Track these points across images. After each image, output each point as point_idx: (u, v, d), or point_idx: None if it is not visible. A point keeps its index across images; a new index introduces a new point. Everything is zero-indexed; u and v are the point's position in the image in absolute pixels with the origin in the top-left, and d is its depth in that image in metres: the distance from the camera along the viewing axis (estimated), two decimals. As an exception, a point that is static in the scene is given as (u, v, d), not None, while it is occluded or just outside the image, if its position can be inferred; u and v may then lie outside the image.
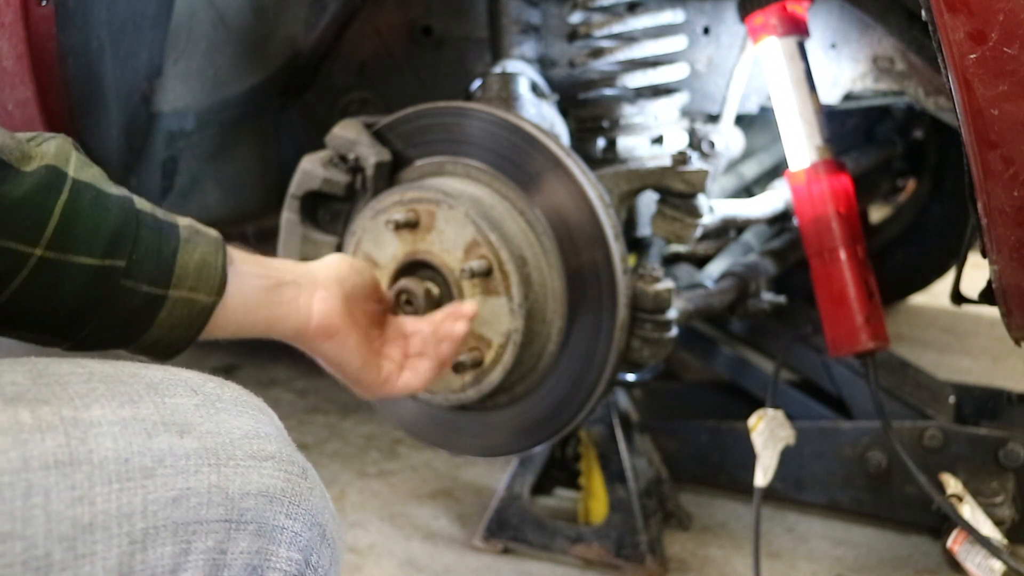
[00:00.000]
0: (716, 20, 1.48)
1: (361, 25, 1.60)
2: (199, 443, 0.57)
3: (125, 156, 1.34)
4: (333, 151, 1.25)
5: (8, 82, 1.14)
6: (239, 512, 0.57)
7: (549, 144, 1.16)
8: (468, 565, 1.54)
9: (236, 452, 0.58)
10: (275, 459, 0.61)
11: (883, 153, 2.11)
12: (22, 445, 0.49)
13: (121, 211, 0.71)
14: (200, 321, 0.78)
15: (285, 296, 0.86)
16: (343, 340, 0.91)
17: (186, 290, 0.76)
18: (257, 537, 0.58)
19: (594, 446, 1.56)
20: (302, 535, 0.62)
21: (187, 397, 0.59)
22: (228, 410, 0.61)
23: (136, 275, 0.72)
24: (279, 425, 0.65)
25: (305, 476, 0.63)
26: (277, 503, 0.60)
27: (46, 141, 0.69)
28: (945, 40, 0.75)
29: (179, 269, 0.75)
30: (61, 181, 0.67)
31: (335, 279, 0.91)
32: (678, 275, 1.55)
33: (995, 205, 0.81)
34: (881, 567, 1.51)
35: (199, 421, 0.58)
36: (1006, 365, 2.41)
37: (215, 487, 0.56)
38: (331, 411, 2.18)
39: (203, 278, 0.77)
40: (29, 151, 0.66)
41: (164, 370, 0.62)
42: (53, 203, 0.66)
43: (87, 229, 0.68)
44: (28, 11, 1.09)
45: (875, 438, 1.50)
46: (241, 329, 0.83)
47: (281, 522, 0.60)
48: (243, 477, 0.58)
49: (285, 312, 0.86)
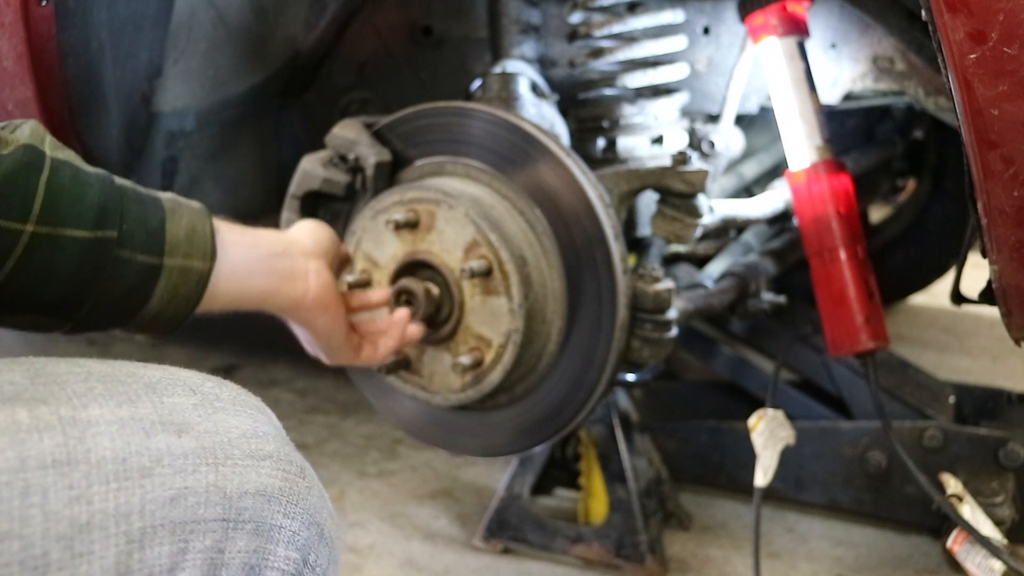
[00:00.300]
0: (716, 20, 1.48)
1: (361, 25, 1.60)
2: (197, 442, 0.57)
3: (125, 156, 1.34)
4: (333, 151, 1.25)
5: (8, 82, 1.14)
6: (237, 511, 0.57)
7: (549, 144, 1.15)
8: (468, 565, 1.54)
9: (234, 451, 0.58)
10: (273, 458, 0.61)
11: (883, 153, 2.11)
12: (20, 444, 0.49)
13: (103, 185, 0.71)
14: (198, 290, 0.77)
15: (278, 266, 0.86)
16: (336, 313, 0.92)
17: (180, 257, 0.75)
18: (255, 536, 0.58)
19: (594, 446, 1.56)
20: (300, 534, 0.61)
21: (185, 396, 0.59)
22: (226, 409, 0.61)
23: (129, 244, 0.72)
24: (277, 424, 0.65)
25: (303, 475, 0.63)
26: (275, 502, 0.60)
27: (19, 127, 0.69)
28: (945, 40, 0.75)
29: (170, 236, 0.75)
30: (40, 160, 0.67)
31: (319, 249, 0.92)
32: (678, 275, 1.55)
33: (995, 205, 0.81)
34: (881, 567, 1.51)
35: (197, 420, 0.58)
36: (1006, 365, 2.41)
37: (213, 486, 0.56)
38: (331, 411, 2.18)
39: (195, 244, 0.77)
40: (4, 137, 0.66)
41: (162, 370, 0.62)
42: (36, 180, 0.66)
43: (73, 201, 0.68)
44: (28, 11, 1.09)
45: (875, 438, 1.50)
46: (238, 299, 0.83)
47: (279, 521, 0.60)
48: (241, 476, 0.58)
49: (280, 283, 0.86)
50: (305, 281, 0.89)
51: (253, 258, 0.84)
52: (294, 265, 0.88)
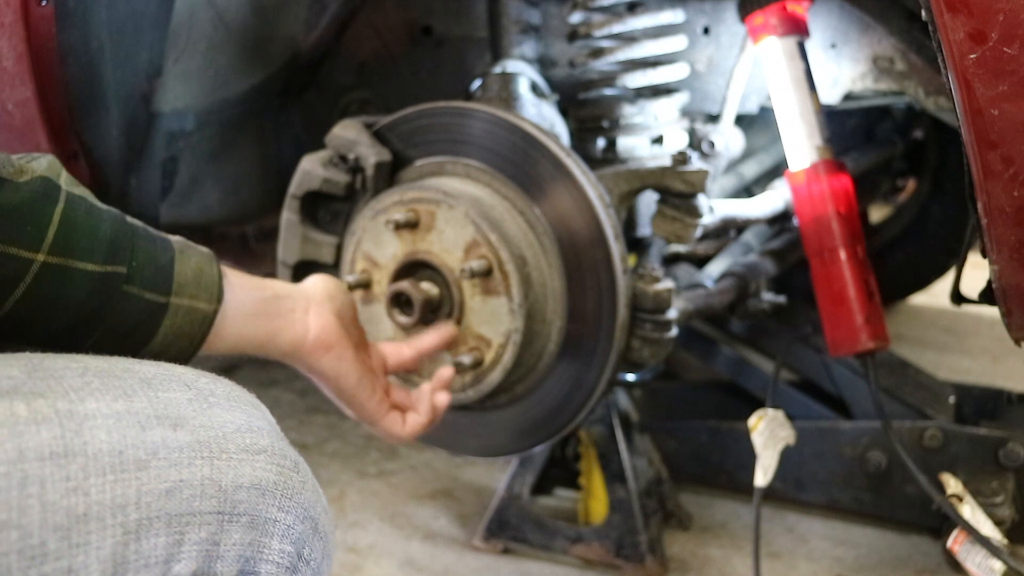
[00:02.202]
0: (716, 20, 1.48)
1: (361, 25, 1.60)
2: (192, 436, 0.57)
3: (125, 156, 1.34)
4: (333, 151, 1.25)
5: (8, 82, 1.14)
6: (232, 504, 0.58)
7: (549, 144, 1.15)
8: (468, 565, 1.54)
9: (229, 446, 0.59)
10: (267, 453, 0.62)
11: (883, 153, 2.11)
12: (18, 436, 0.49)
13: (115, 221, 0.73)
14: (202, 331, 0.78)
15: (282, 307, 0.87)
16: (340, 352, 0.90)
17: (187, 297, 0.76)
18: (250, 529, 0.59)
19: (594, 446, 1.56)
20: (294, 528, 0.62)
21: (180, 392, 0.60)
22: (221, 405, 0.62)
23: (138, 281, 0.73)
24: (271, 420, 0.66)
25: (297, 470, 0.64)
26: (270, 496, 0.61)
27: (36, 159, 0.70)
28: (945, 40, 0.75)
29: (178, 276, 0.76)
30: (56, 191, 0.68)
31: (326, 295, 0.92)
32: (678, 275, 1.55)
33: (995, 205, 0.81)
34: (881, 567, 1.51)
35: (192, 415, 0.59)
36: (1006, 365, 2.41)
37: (208, 479, 0.57)
38: (331, 411, 2.18)
39: (202, 286, 0.78)
40: (22, 166, 0.67)
41: (157, 365, 0.63)
42: (51, 210, 0.67)
43: (86, 235, 0.69)
44: (28, 11, 1.10)
45: (875, 438, 1.50)
46: (240, 341, 0.83)
47: (274, 515, 0.61)
48: (236, 470, 0.59)
49: (282, 325, 0.87)
50: (305, 323, 0.88)
51: (257, 300, 0.85)
52: (295, 306, 0.88)
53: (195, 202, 1.51)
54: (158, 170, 1.41)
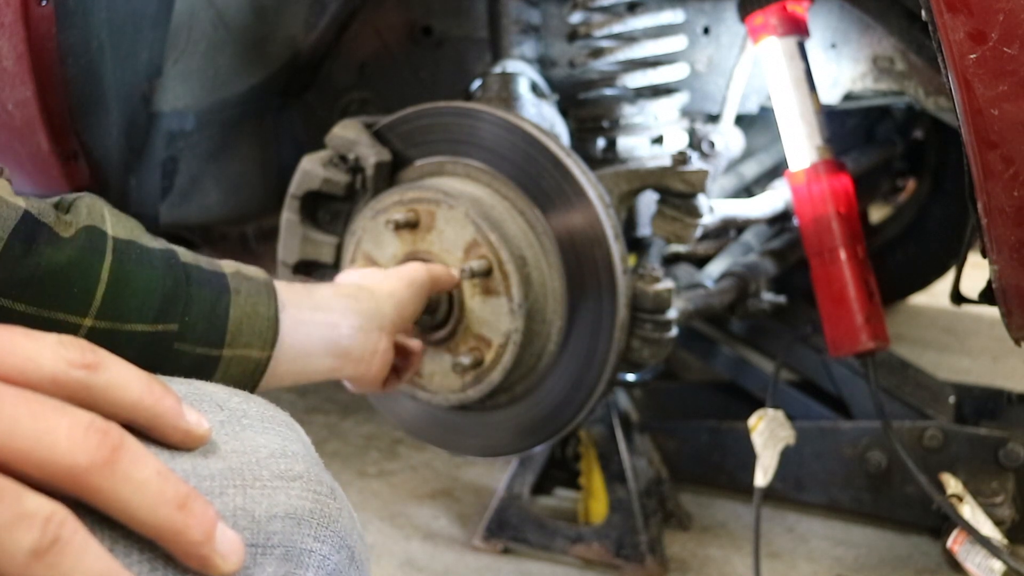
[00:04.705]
0: (716, 20, 1.48)
1: (361, 25, 1.60)
2: (224, 463, 0.54)
3: (125, 156, 1.34)
4: (333, 151, 1.24)
5: (8, 82, 1.14)
6: (266, 536, 0.54)
7: (549, 144, 1.15)
8: (468, 565, 1.54)
9: (263, 472, 0.55)
10: (303, 479, 0.57)
11: (883, 153, 2.11)
12: None
13: (169, 268, 0.69)
14: (254, 379, 0.76)
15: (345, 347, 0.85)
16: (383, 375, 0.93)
17: (240, 347, 0.74)
18: (284, 561, 0.55)
19: (594, 446, 1.56)
20: (330, 558, 0.58)
21: (212, 413, 0.57)
22: (254, 427, 0.58)
23: (190, 338, 0.70)
24: (306, 441, 0.62)
25: (334, 496, 0.60)
26: (305, 525, 0.56)
27: (73, 203, 0.66)
28: (945, 40, 0.75)
29: (232, 326, 0.73)
30: (103, 242, 0.65)
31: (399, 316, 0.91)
32: (678, 275, 1.55)
33: (995, 205, 0.81)
34: (881, 567, 1.51)
35: (224, 439, 0.55)
36: (1006, 365, 2.41)
37: (241, 509, 0.53)
38: (331, 411, 2.18)
39: (256, 331, 0.75)
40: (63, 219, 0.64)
41: (188, 383, 0.60)
42: (99, 267, 0.64)
43: (137, 293, 0.66)
44: (28, 11, 1.09)
45: (875, 438, 1.50)
46: (301, 377, 0.82)
47: (309, 545, 0.56)
48: (270, 499, 0.55)
49: (344, 364, 0.85)
50: (370, 364, 0.88)
51: (319, 339, 0.82)
52: (365, 346, 0.87)
53: (195, 202, 1.51)
54: (158, 170, 1.41)
